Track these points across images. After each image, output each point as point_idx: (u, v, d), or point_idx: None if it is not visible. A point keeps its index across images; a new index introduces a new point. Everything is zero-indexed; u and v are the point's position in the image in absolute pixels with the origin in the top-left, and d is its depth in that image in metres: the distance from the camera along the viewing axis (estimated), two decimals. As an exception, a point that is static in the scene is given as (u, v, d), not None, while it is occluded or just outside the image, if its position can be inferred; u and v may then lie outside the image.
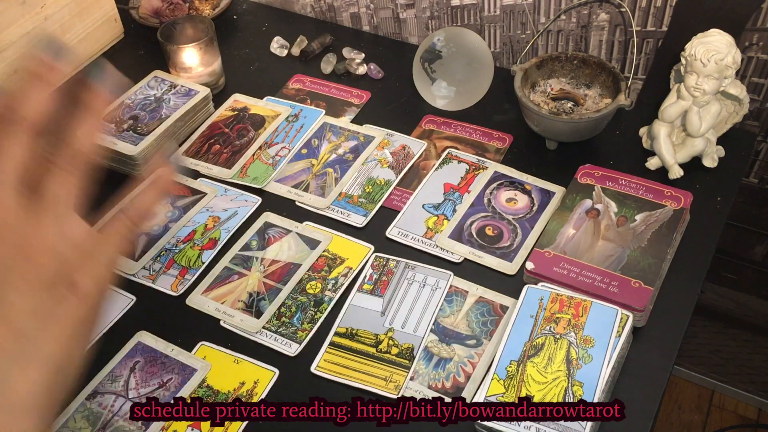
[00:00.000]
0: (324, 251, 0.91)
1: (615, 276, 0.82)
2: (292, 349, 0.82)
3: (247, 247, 0.92)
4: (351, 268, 0.89)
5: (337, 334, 0.83)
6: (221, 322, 0.85)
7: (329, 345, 0.82)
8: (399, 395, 0.77)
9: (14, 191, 0.38)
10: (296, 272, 0.89)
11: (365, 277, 0.88)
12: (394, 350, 0.81)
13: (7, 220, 0.37)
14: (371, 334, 0.83)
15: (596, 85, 1.02)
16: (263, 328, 0.84)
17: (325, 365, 0.80)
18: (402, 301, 0.85)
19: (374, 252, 0.91)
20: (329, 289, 0.87)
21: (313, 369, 0.80)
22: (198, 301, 0.87)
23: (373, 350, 0.81)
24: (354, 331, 0.83)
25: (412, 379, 0.78)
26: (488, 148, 1.03)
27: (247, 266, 0.90)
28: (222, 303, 0.87)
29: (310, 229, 0.94)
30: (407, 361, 0.80)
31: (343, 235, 0.93)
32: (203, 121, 1.09)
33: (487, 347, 0.80)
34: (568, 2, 1.05)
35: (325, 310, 0.85)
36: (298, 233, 0.93)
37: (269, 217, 0.96)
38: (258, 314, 0.85)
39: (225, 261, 0.91)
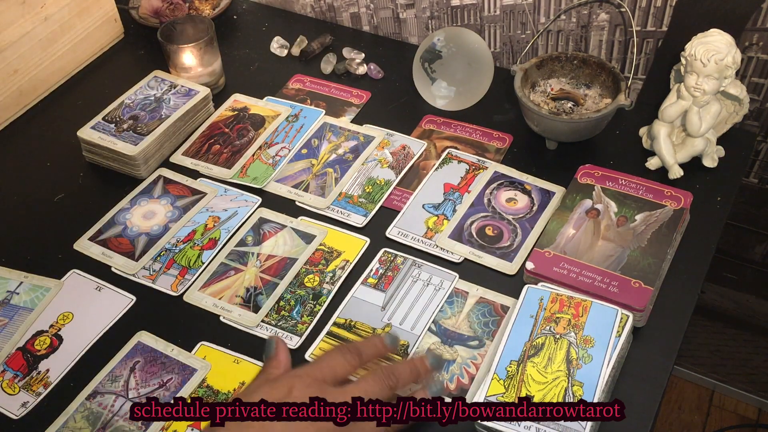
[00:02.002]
0: (320, 245, 0.91)
1: (615, 276, 0.82)
2: (293, 342, 0.82)
3: (242, 242, 0.93)
4: (348, 261, 0.90)
5: (335, 324, 0.83)
6: (221, 317, 0.85)
7: (326, 334, 0.83)
8: None
9: None
10: (293, 266, 0.89)
11: (371, 270, 0.88)
12: None
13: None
14: (369, 327, 0.83)
15: (596, 85, 1.02)
16: (263, 322, 0.84)
17: (319, 353, 0.81)
18: (404, 298, 0.85)
19: (375, 246, 0.91)
20: (327, 282, 0.88)
21: (307, 356, 0.81)
22: (196, 297, 0.87)
23: None
24: (352, 323, 0.83)
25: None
26: (488, 148, 1.03)
27: (243, 262, 0.90)
28: (220, 298, 0.87)
29: (305, 223, 0.94)
30: (401, 358, 0.80)
31: (339, 228, 0.93)
32: (203, 121, 1.09)
33: (489, 348, 0.80)
34: (568, 2, 1.05)
35: (324, 302, 0.86)
36: (293, 228, 0.94)
37: (263, 212, 0.96)
38: (256, 309, 0.86)
39: (221, 257, 0.91)
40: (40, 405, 0.79)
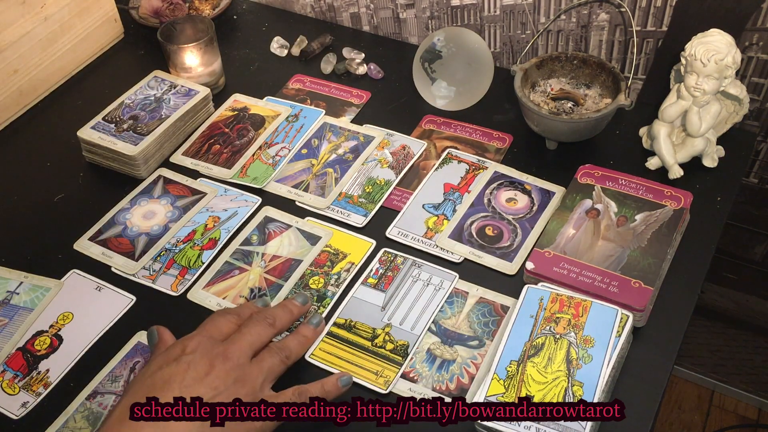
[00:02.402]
0: (326, 246, 0.91)
1: (615, 276, 0.82)
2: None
3: (247, 242, 0.93)
4: (353, 263, 0.90)
5: (336, 324, 0.83)
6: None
7: (326, 335, 0.82)
8: (387, 391, 0.77)
9: (250, 353, 0.71)
10: (297, 268, 0.89)
11: (371, 270, 0.88)
12: (389, 346, 0.81)
13: (241, 361, 0.69)
14: (369, 327, 0.83)
15: (596, 85, 1.02)
16: (266, 324, 0.85)
17: (319, 354, 0.81)
18: (404, 298, 0.85)
19: (376, 247, 0.91)
20: (332, 284, 0.88)
21: (307, 357, 0.81)
22: (199, 296, 0.87)
23: (368, 344, 0.81)
24: (352, 323, 0.83)
25: (414, 381, 0.78)
26: (488, 148, 1.03)
27: (248, 261, 0.90)
28: (223, 298, 0.87)
29: (310, 224, 0.94)
30: (400, 358, 0.80)
31: (345, 230, 0.93)
32: (203, 121, 1.09)
33: (489, 348, 0.80)
34: (568, 2, 1.05)
35: (328, 304, 0.86)
36: (298, 228, 0.94)
37: (269, 211, 0.96)
38: (259, 312, 0.86)
39: (225, 256, 0.91)
40: (40, 405, 0.79)
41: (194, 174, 1.02)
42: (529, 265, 0.84)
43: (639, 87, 1.09)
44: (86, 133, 1.03)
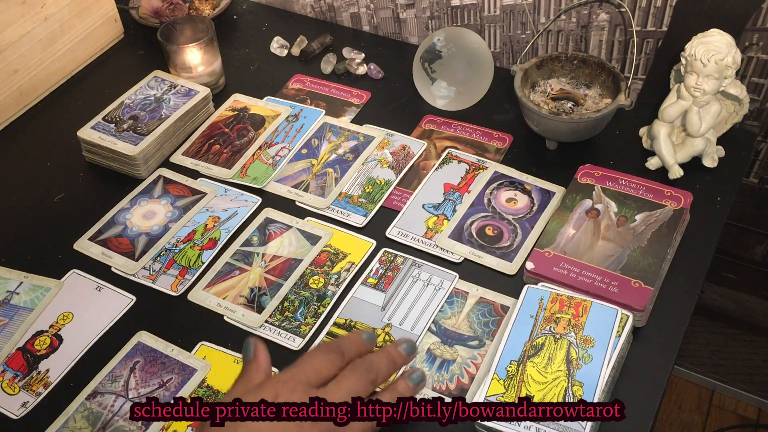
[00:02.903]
0: (326, 246, 0.91)
1: (615, 276, 0.82)
2: (295, 343, 0.82)
3: (248, 242, 0.93)
4: (353, 263, 0.90)
5: (335, 324, 0.83)
6: (224, 317, 0.85)
7: (326, 335, 0.82)
8: None
9: None
10: (297, 267, 0.89)
11: (371, 270, 0.88)
12: None
13: (330, 427, 0.63)
14: (369, 327, 0.83)
15: (596, 85, 1.02)
16: (266, 322, 0.84)
17: None
18: (404, 298, 0.85)
19: (376, 247, 0.91)
20: (332, 284, 0.88)
21: None
22: (200, 296, 0.87)
23: None
24: (352, 323, 0.83)
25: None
26: (488, 148, 1.03)
27: (248, 262, 0.90)
28: (224, 298, 0.87)
29: (311, 224, 0.94)
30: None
31: (345, 230, 0.93)
32: (203, 121, 1.09)
33: (489, 348, 0.80)
34: (568, 2, 1.05)
35: (328, 304, 0.86)
36: (298, 229, 0.94)
37: (270, 212, 0.96)
38: (259, 309, 0.86)
39: (226, 257, 0.91)
40: (40, 405, 0.79)
41: (194, 174, 1.02)
42: (529, 265, 0.84)
43: (639, 87, 1.09)
44: (86, 133, 1.03)
